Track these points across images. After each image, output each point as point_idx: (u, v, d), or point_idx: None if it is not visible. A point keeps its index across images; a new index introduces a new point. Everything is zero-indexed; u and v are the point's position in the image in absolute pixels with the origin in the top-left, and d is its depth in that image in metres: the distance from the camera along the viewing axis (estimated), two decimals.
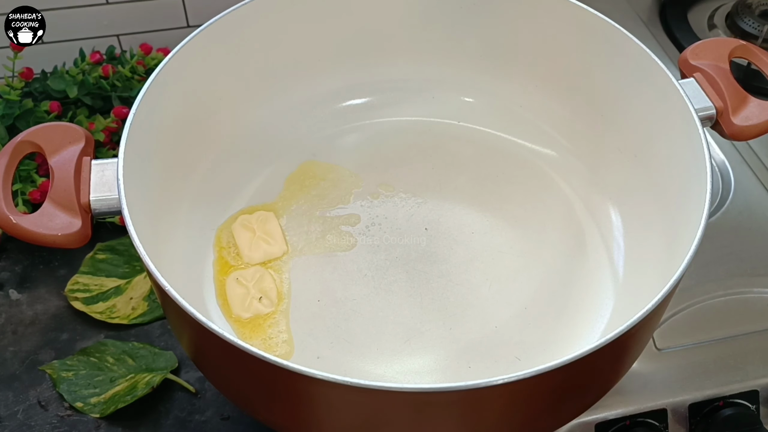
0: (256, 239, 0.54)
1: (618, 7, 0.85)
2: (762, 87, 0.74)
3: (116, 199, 0.43)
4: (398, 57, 0.63)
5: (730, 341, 0.57)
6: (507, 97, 0.63)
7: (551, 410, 0.44)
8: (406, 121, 0.64)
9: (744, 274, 0.61)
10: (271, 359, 0.36)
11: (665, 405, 0.54)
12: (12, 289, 0.62)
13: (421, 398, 0.37)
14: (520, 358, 0.50)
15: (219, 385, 0.47)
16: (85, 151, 0.45)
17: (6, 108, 0.66)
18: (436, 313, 0.52)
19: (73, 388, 0.56)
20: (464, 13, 0.60)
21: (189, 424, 0.55)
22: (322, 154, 0.61)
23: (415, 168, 0.60)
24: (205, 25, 0.53)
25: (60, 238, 0.42)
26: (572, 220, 0.57)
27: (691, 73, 0.52)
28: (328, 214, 0.57)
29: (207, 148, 0.57)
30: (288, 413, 0.43)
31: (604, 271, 0.55)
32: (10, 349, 0.59)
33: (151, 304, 0.61)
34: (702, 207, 0.44)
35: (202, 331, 0.38)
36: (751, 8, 0.82)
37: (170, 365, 0.57)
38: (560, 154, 0.61)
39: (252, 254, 0.54)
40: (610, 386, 0.47)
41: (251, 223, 0.55)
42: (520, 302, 0.53)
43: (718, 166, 0.69)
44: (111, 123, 0.68)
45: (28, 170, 0.65)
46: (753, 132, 0.50)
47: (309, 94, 0.62)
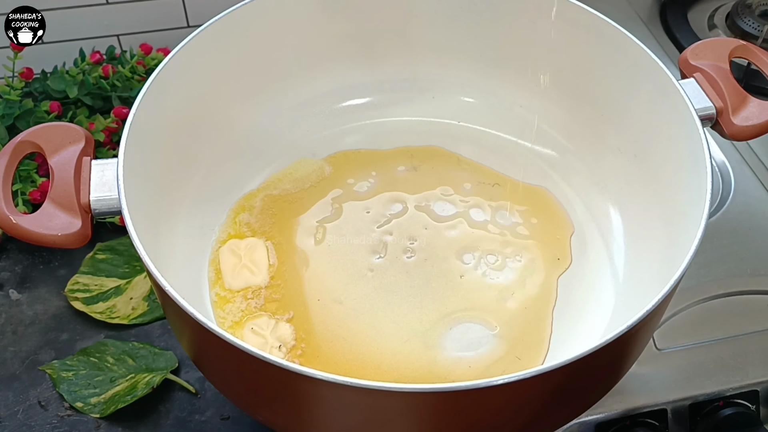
0: (240, 267, 0.54)
1: (618, 7, 0.86)
2: (762, 87, 0.74)
3: (116, 199, 0.43)
4: (398, 57, 0.63)
5: (730, 341, 0.57)
6: (507, 97, 0.63)
7: (551, 410, 0.44)
8: (406, 121, 0.64)
9: (744, 274, 0.61)
10: (271, 359, 0.36)
11: (665, 405, 0.54)
12: (12, 289, 0.62)
13: (421, 398, 0.37)
14: (520, 358, 0.50)
15: (219, 385, 0.47)
16: (85, 151, 0.45)
17: (6, 108, 0.66)
18: (436, 313, 0.52)
19: (73, 388, 0.56)
20: (464, 13, 0.60)
21: (189, 424, 0.55)
22: (322, 154, 0.61)
23: (415, 168, 0.60)
24: (206, 25, 0.53)
25: (60, 238, 0.42)
26: (572, 219, 0.57)
27: (691, 73, 0.52)
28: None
29: (207, 148, 0.57)
30: (288, 413, 0.43)
31: (604, 271, 0.55)
32: (10, 349, 0.59)
33: (151, 304, 0.61)
34: (702, 207, 0.44)
35: (202, 331, 0.38)
36: (751, 8, 0.82)
37: (170, 365, 0.57)
38: (560, 154, 0.61)
39: (233, 281, 0.53)
40: (610, 386, 0.47)
41: (239, 250, 0.55)
42: (520, 302, 0.53)
43: (718, 166, 0.69)
44: (111, 123, 0.68)
45: (28, 170, 0.65)
46: (753, 132, 0.50)
47: (309, 94, 0.62)
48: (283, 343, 0.50)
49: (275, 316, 0.52)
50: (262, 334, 0.51)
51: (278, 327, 0.51)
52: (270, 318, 0.52)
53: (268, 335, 0.51)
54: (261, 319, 0.52)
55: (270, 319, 0.52)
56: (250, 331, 0.51)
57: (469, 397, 0.38)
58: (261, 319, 0.52)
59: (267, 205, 0.58)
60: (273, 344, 0.50)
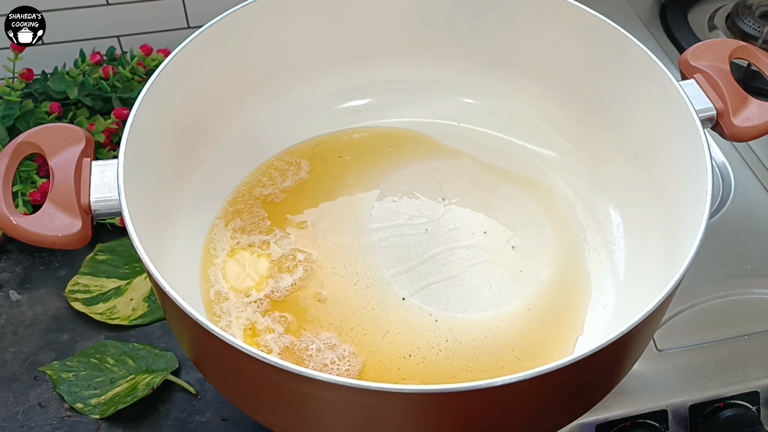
0: (243, 276, 0.54)
1: (618, 8, 0.86)
2: (762, 88, 0.74)
3: (116, 200, 0.43)
4: (399, 58, 0.63)
5: (731, 342, 0.57)
6: (507, 98, 0.63)
7: (552, 411, 0.44)
8: (406, 122, 0.64)
9: (744, 275, 0.61)
10: (272, 360, 0.36)
11: (666, 406, 0.54)
12: (12, 290, 0.62)
13: (421, 399, 0.37)
14: (521, 359, 0.50)
15: (219, 387, 0.47)
16: (86, 152, 0.45)
17: (6, 109, 0.66)
18: (436, 313, 0.52)
19: (74, 389, 0.56)
20: (464, 15, 0.60)
21: (189, 425, 0.55)
22: (323, 155, 0.61)
23: (416, 169, 0.60)
24: (206, 26, 0.53)
25: (60, 239, 0.42)
26: (572, 221, 0.58)
27: (691, 74, 0.52)
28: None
29: (207, 148, 0.57)
30: (288, 414, 0.43)
31: (604, 271, 0.55)
32: (10, 350, 0.59)
33: (152, 305, 0.61)
34: (702, 208, 0.44)
35: (203, 332, 0.38)
36: (751, 9, 0.82)
37: (170, 366, 0.57)
38: (560, 154, 0.61)
39: (235, 284, 0.54)
40: (611, 387, 0.47)
41: (244, 260, 0.55)
42: (521, 303, 0.53)
43: (719, 166, 0.69)
44: (111, 124, 0.68)
45: (29, 171, 0.65)
46: (753, 133, 0.50)
47: (309, 96, 0.62)
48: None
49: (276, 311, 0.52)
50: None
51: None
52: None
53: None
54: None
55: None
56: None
57: (469, 399, 0.38)
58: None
59: (267, 205, 0.58)
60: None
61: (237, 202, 0.58)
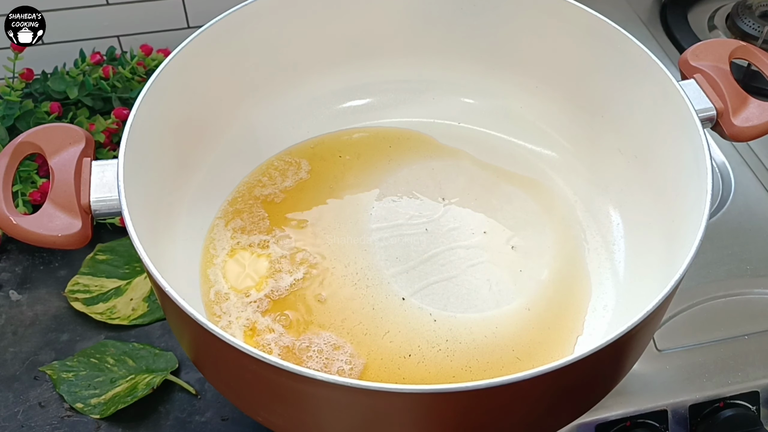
0: (243, 275, 0.54)
1: (618, 8, 0.86)
2: (762, 88, 0.74)
3: (116, 200, 0.43)
4: (399, 58, 0.63)
5: (731, 342, 0.57)
6: (507, 98, 0.63)
7: (552, 411, 0.44)
8: (406, 122, 0.64)
9: (744, 275, 0.61)
10: (272, 360, 0.36)
11: (666, 406, 0.54)
12: (12, 289, 0.62)
13: (421, 399, 0.37)
14: (521, 359, 0.50)
15: (219, 386, 0.47)
16: (86, 152, 0.45)
17: (6, 109, 0.66)
18: (436, 313, 0.52)
19: (73, 389, 0.56)
20: (465, 15, 0.60)
21: (189, 425, 0.55)
22: (323, 155, 0.61)
23: (416, 169, 0.60)
24: (206, 26, 0.53)
25: (60, 239, 0.42)
26: (572, 221, 0.58)
27: (691, 74, 0.52)
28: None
29: (207, 148, 0.57)
30: (288, 414, 0.43)
31: (604, 271, 0.55)
32: (10, 350, 0.59)
33: (152, 305, 0.61)
34: (702, 208, 0.44)
35: (203, 332, 0.38)
36: (751, 9, 0.82)
37: (170, 366, 0.57)
38: (560, 154, 0.61)
39: (235, 284, 0.54)
40: (610, 387, 0.47)
41: (244, 260, 0.55)
42: (521, 303, 0.53)
43: (719, 166, 0.69)
44: (111, 124, 0.68)
45: (29, 171, 0.65)
46: (753, 133, 0.50)
47: (309, 95, 0.62)
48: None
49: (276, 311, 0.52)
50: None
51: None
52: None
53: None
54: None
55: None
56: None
57: (469, 399, 0.38)
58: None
59: (267, 205, 0.58)
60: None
61: (237, 202, 0.58)
